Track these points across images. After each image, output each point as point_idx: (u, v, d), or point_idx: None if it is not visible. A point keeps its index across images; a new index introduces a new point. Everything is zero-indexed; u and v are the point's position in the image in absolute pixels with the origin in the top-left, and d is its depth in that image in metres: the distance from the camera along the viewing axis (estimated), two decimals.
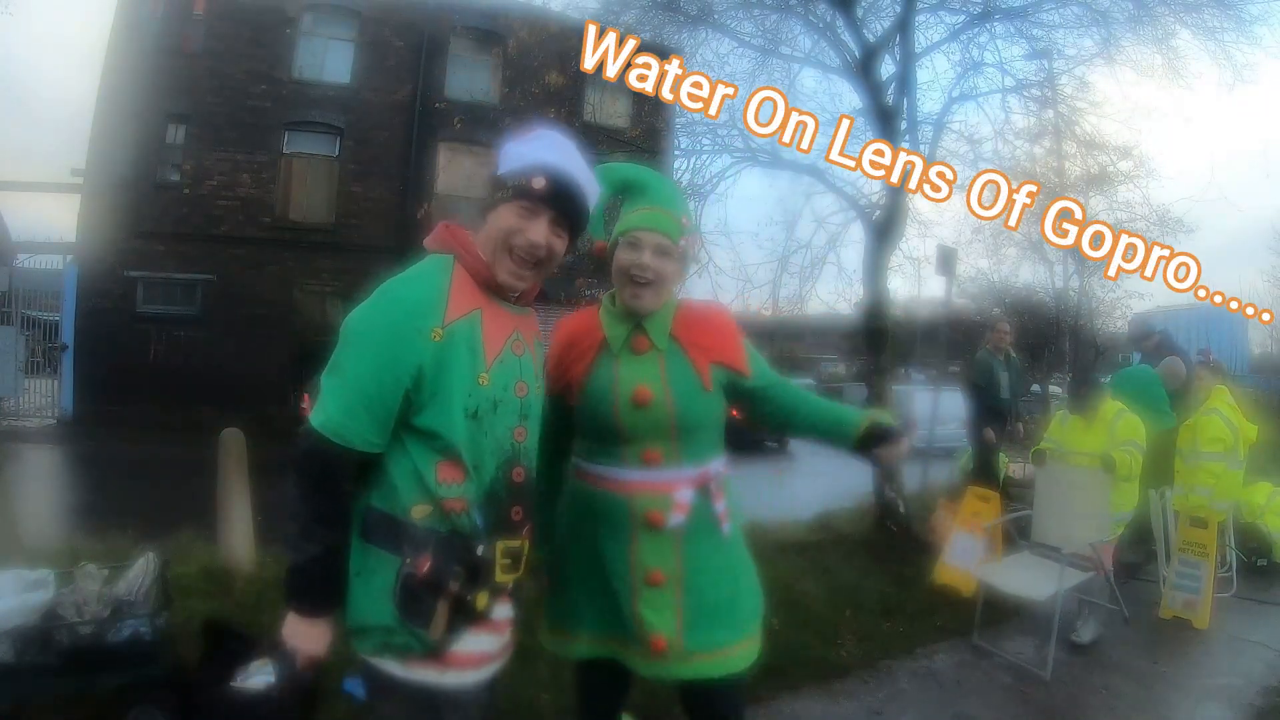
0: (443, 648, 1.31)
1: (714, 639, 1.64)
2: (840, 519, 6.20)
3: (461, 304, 1.35)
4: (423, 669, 1.31)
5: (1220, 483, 4.45)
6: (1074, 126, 6.65)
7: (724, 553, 1.70)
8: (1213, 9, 5.56)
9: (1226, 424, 4.44)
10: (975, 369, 6.24)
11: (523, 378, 1.44)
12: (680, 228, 1.67)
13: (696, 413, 1.66)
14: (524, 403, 1.44)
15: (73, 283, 13.18)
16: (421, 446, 1.33)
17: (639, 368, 1.66)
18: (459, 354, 1.32)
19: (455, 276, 1.39)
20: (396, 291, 1.35)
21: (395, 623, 1.29)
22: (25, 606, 2.33)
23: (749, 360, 1.75)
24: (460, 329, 1.33)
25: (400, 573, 1.29)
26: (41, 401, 13.36)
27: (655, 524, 1.62)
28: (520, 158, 1.44)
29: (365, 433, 1.29)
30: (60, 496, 7.63)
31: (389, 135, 14.80)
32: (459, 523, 1.34)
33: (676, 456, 1.65)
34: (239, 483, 3.96)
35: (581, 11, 7.79)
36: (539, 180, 1.39)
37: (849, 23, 5.68)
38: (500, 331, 1.41)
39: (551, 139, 1.48)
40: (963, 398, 6.53)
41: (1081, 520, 3.84)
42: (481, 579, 1.35)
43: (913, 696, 3.27)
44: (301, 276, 14.33)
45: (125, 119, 13.10)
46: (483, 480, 1.36)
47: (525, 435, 1.45)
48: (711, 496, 1.68)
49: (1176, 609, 4.35)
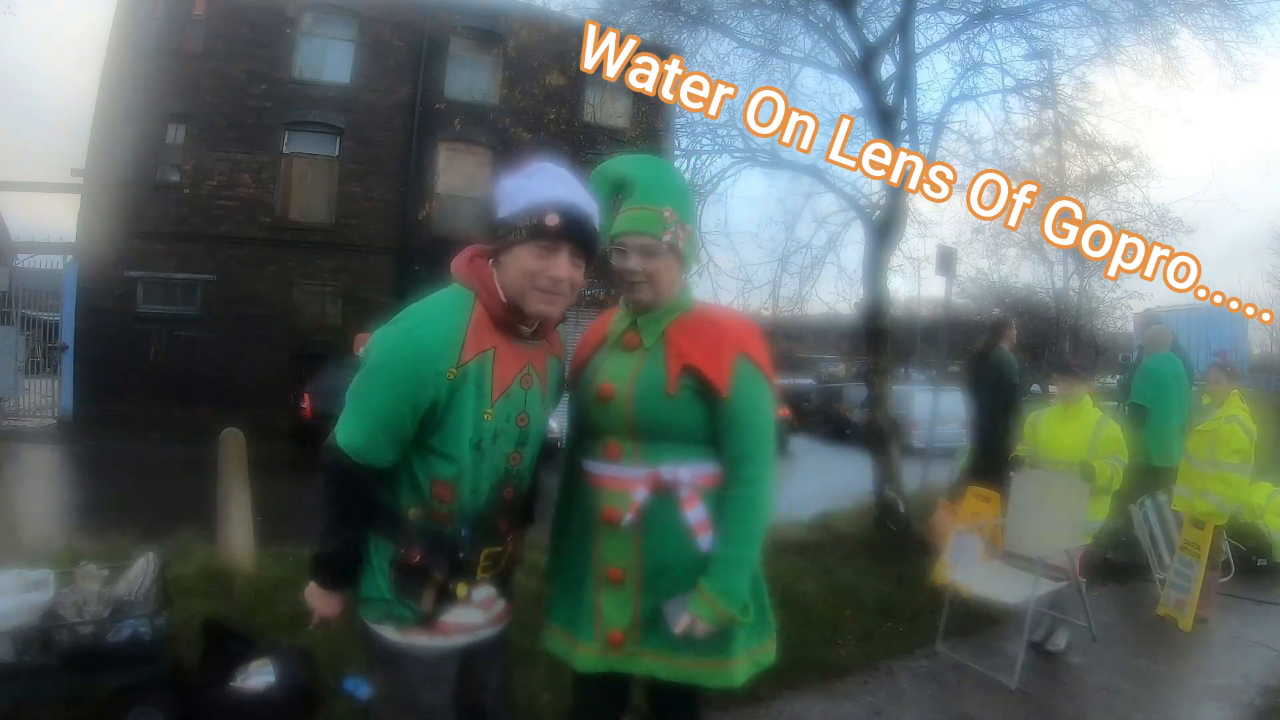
0: (433, 618, 1.51)
1: (669, 644, 1.61)
2: (840, 519, 6.20)
3: (476, 345, 1.45)
4: (415, 634, 1.51)
5: (1232, 490, 4.42)
6: (1074, 126, 6.66)
7: (701, 568, 1.60)
8: (1213, 9, 5.57)
9: (1246, 432, 4.39)
10: (1003, 367, 5.78)
11: (526, 409, 1.55)
12: (662, 222, 1.62)
13: (655, 414, 1.60)
14: (524, 431, 1.56)
15: (73, 283, 13.19)
16: (424, 462, 1.48)
17: (617, 363, 1.67)
18: (468, 392, 1.44)
19: (474, 317, 1.47)
20: (420, 330, 1.44)
21: (392, 596, 1.49)
22: (25, 606, 2.33)
23: (733, 382, 1.59)
24: (472, 369, 1.44)
25: (394, 559, 1.49)
26: (41, 401, 13.37)
27: (610, 520, 1.62)
28: (525, 196, 1.47)
29: (385, 453, 1.46)
30: (60, 496, 7.63)
31: (389, 135, 14.81)
32: (445, 531, 1.51)
33: (635, 455, 1.62)
34: (239, 483, 3.97)
35: (581, 11, 7.81)
36: (552, 218, 1.44)
37: (849, 23, 5.69)
38: (510, 369, 1.51)
39: (550, 172, 1.52)
40: (966, 397, 6.38)
41: (1057, 527, 3.66)
42: (463, 575, 1.52)
43: (913, 696, 3.28)
44: (301, 276, 14.34)
45: (125, 119, 13.11)
46: (476, 500, 1.52)
47: (520, 459, 1.58)
48: (679, 503, 1.61)
49: (1170, 608, 4.35)
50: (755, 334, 1.69)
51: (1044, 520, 3.73)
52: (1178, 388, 5.16)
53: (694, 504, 1.62)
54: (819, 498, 6.95)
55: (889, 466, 5.61)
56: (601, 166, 1.75)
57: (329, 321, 14.04)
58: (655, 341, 1.66)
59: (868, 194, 6.26)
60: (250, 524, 3.99)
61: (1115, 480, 3.76)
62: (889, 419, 5.76)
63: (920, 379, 18.62)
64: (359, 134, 14.65)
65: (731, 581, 1.56)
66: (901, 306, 14.23)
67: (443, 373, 1.40)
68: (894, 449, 5.69)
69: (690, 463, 1.62)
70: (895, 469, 5.61)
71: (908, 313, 16.20)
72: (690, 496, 1.62)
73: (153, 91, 13.25)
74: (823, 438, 17.36)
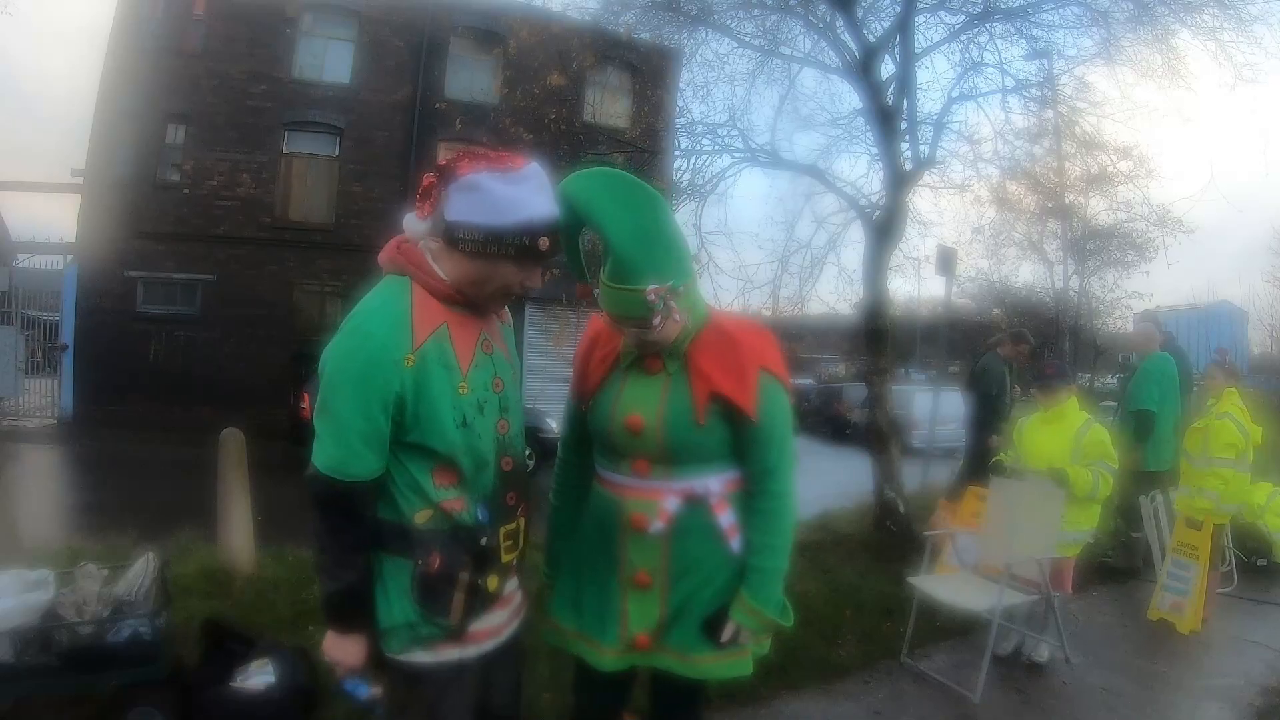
0: (463, 629, 1.44)
1: (689, 642, 1.64)
2: (840, 519, 6.20)
3: (426, 324, 1.39)
4: (447, 650, 1.45)
5: (1229, 486, 4.40)
6: (1074, 126, 6.65)
7: (730, 570, 1.65)
8: (1213, 9, 5.55)
9: (1239, 429, 4.37)
10: (988, 378, 5.88)
11: (498, 374, 1.51)
12: (647, 306, 1.49)
13: (688, 443, 1.60)
14: (502, 397, 1.51)
15: (73, 283, 13.18)
16: (415, 458, 1.41)
17: (640, 391, 1.64)
18: (435, 373, 1.38)
19: (415, 298, 1.41)
20: (364, 327, 1.38)
21: (418, 617, 1.41)
22: (25, 606, 2.33)
23: (759, 401, 1.58)
24: (430, 349, 1.38)
25: (415, 573, 1.41)
26: (41, 401, 13.36)
27: (639, 527, 1.63)
28: (514, 207, 1.37)
29: (367, 463, 1.38)
30: (60, 496, 7.63)
31: (389, 135, 14.80)
32: (461, 519, 1.44)
33: (666, 472, 1.63)
34: (239, 483, 3.96)
35: (581, 11, 7.81)
36: (544, 242, 1.40)
37: (849, 23, 5.68)
38: (468, 338, 1.46)
39: (539, 180, 1.42)
40: (963, 399, 6.42)
41: (1028, 536, 3.46)
42: (489, 564, 1.47)
43: (913, 696, 3.27)
44: (301, 276, 14.33)
45: (125, 119, 13.11)
46: (483, 474, 1.46)
47: (507, 427, 1.52)
48: (711, 509, 1.64)
49: (1164, 611, 4.28)
50: (772, 343, 1.67)
51: (1015, 528, 3.57)
52: (1171, 389, 5.14)
53: (724, 509, 1.66)
54: (819, 498, 6.94)
55: (889, 466, 5.60)
56: (566, 193, 1.53)
57: (329, 322, 14.02)
58: (678, 366, 1.63)
59: (868, 194, 6.27)
60: (250, 524, 3.99)
61: (1100, 487, 3.59)
62: (889, 419, 5.76)
63: (920, 379, 18.63)
64: (359, 134, 14.64)
65: (771, 591, 1.63)
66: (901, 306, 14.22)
67: (400, 361, 1.35)
68: (894, 449, 5.69)
69: (718, 474, 1.66)
70: (895, 469, 5.61)
71: (908, 313, 16.19)
72: (720, 503, 1.65)
73: (153, 91, 13.24)
74: (823, 438, 17.36)
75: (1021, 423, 4.10)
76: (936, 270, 7.67)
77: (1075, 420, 3.78)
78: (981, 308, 16.60)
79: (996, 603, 3.28)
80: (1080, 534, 3.72)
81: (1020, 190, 9.66)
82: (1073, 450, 3.69)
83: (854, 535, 5.58)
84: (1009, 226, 12.21)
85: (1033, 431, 3.94)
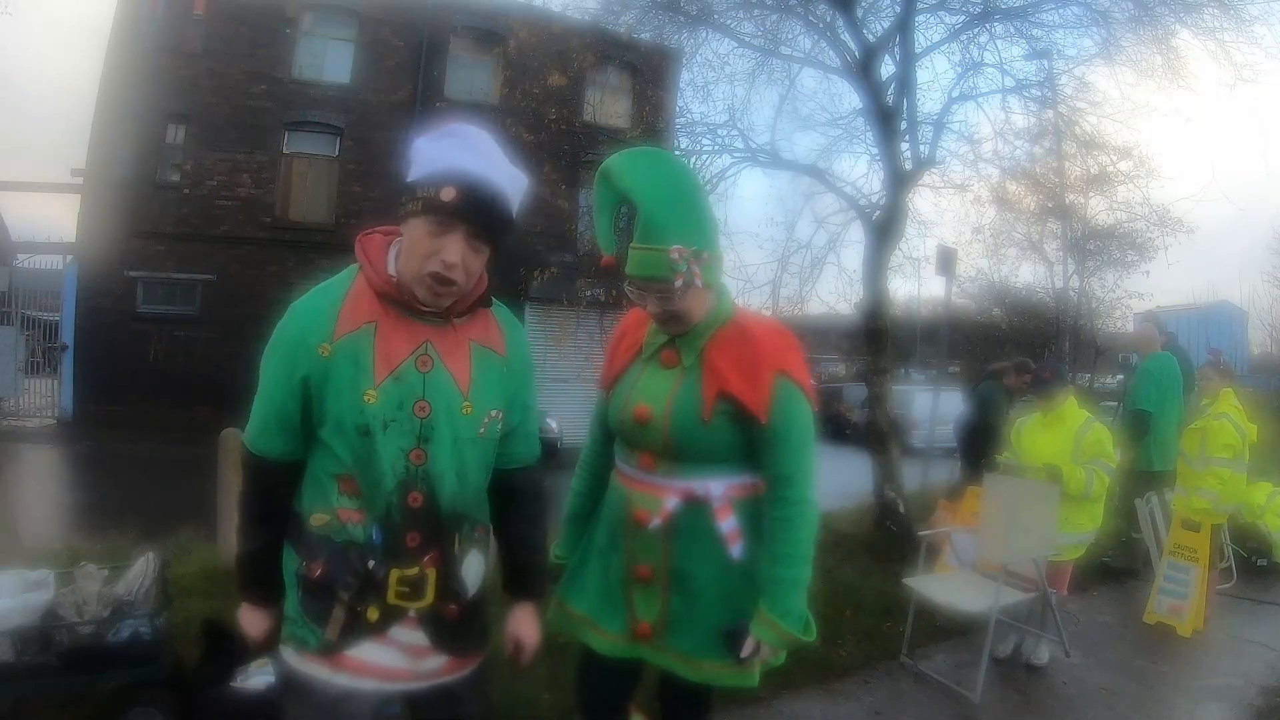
0: (337, 649, 1.33)
1: (693, 647, 1.64)
2: (840, 519, 6.19)
3: (353, 318, 1.32)
4: (315, 664, 1.34)
5: (1226, 486, 4.40)
6: (1074, 126, 6.66)
7: (730, 577, 1.64)
8: (1213, 9, 5.55)
9: (1236, 429, 4.37)
10: (987, 409, 5.78)
11: (426, 397, 1.32)
12: (671, 265, 1.50)
13: (692, 439, 1.60)
14: (424, 424, 1.32)
15: (73, 283, 13.17)
16: (324, 457, 1.35)
17: (655, 383, 1.65)
18: (343, 370, 1.29)
19: (353, 289, 1.35)
20: (296, 307, 1.36)
21: (297, 615, 1.36)
22: (25, 606, 2.32)
23: (772, 404, 1.55)
24: (347, 344, 1.30)
25: (297, 573, 1.36)
26: (41, 401, 13.36)
27: (641, 521, 1.65)
28: (430, 161, 1.29)
29: (276, 444, 1.36)
30: (60, 496, 7.63)
31: (389, 135, 14.76)
32: (354, 534, 1.33)
33: (669, 469, 1.64)
34: (239, 483, 3.96)
35: (581, 11, 7.81)
36: (448, 191, 1.25)
37: (849, 23, 5.68)
38: (399, 347, 1.32)
39: (465, 136, 1.31)
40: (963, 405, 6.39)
41: (1024, 535, 3.45)
42: (372, 594, 1.32)
43: (912, 696, 3.27)
44: (301, 276, 14.06)
45: (125, 119, 13.10)
46: (376, 496, 1.32)
47: (425, 459, 1.32)
48: (712, 514, 1.63)
49: (1162, 614, 4.24)
50: (794, 347, 1.64)
51: (1011, 528, 3.56)
52: (1173, 389, 5.14)
53: (726, 515, 1.64)
54: (819, 497, 6.93)
55: (889, 466, 5.60)
56: (605, 168, 1.60)
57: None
58: (694, 361, 1.62)
59: (868, 194, 6.27)
60: None
61: (1097, 486, 3.58)
62: (889, 419, 5.76)
63: (920, 379, 18.64)
64: (359, 134, 14.63)
65: (790, 602, 1.56)
66: (901, 306, 14.24)
67: (314, 347, 1.29)
68: (894, 449, 5.69)
69: (723, 477, 1.64)
70: (895, 469, 5.61)
71: (908, 313, 16.21)
72: (723, 508, 1.64)
73: (153, 91, 13.24)
74: (823, 438, 17.29)
75: (1020, 423, 4.09)
76: (936, 270, 7.69)
77: (1075, 420, 3.77)
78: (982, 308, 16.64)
79: (994, 602, 3.28)
80: (1082, 536, 3.70)
81: (1020, 190, 9.70)
82: (1074, 450, 3.68)
83: (854, 535, 5.58)
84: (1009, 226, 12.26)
85: (1032, 433, 3.93)
